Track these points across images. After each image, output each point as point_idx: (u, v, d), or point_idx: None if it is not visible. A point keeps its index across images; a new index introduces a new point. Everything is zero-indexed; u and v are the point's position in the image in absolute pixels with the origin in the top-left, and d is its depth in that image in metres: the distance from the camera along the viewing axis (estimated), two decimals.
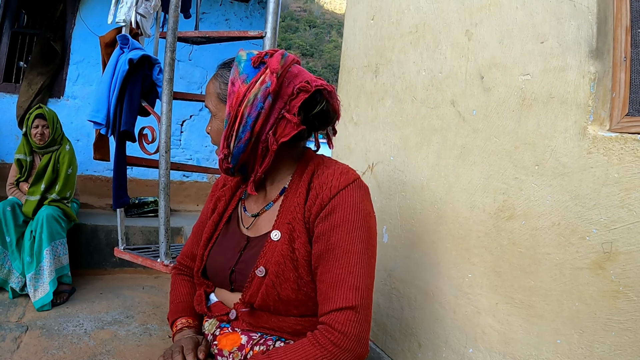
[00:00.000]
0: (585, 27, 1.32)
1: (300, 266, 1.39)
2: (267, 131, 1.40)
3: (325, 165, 1.51)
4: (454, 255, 1.75)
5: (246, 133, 1.39)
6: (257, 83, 1.38)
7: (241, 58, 1.44)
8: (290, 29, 44.88)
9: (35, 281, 4.22)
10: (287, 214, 1.46)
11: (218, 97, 1.49)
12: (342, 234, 1.35)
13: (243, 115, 1.37)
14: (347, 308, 1.28)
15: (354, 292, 1.30)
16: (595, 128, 1.28)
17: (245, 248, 1.52)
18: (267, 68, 1.40)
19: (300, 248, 1.40)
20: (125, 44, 3.48)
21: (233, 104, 1.39)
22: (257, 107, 1.37)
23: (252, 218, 1.58)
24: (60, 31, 6.85)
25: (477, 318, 1.63)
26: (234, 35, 3.61)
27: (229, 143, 1.42)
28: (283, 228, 1.43)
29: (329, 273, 1.33)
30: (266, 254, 1.42)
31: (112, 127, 3.52)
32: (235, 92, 1.39)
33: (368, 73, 2.38)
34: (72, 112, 6.78)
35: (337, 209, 1.37)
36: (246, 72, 1.40)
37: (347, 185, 1.40)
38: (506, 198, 1.54)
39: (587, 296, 1.26)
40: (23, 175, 4.65)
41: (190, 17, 4.92)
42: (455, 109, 1.77)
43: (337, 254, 1.33)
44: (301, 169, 1.53)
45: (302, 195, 1.45)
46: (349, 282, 1.31)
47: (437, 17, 1.90)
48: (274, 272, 1.38)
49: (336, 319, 1.27)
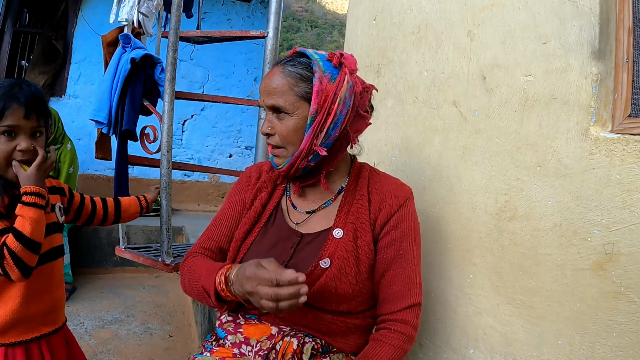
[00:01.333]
0: (587, 28, 1.32)
1: (361, 262, 1.47)
2: (347, 127, 1.48)
3: (377, 174, 1.64)
4: (456, 255, 1.75)
5: (336, 130, 1.44)
6: (343, 82, 1.43)
7: (315, 56, 1.47)
8: (292, 29, 44.80)
9: None
10: (349, 214, 1.53)
11: (296, 94, 1.45)
12: (410, 242, 1.51)
13: (336, 113, 1.42)
14: (417, 304, 1.47)
15: (419, 290, 1.50)
16: (597, 129, 1.28)
17: (299, 244, 1.54)
18: (344, 67, 1.46)
19: (363, 246, 1.48)
20: (128, 43, 3.48)
21: (322, 102, 1.41)
22: (346, 105, 1.44)
23: (306, 215, 1.60)
24: (62, 30, 6.87)
25: (478, 318, 1.63)
26: (236, 35, 3.62)
27: (316, 141, 1.44)
28: (346, 227, 1.50)
29: (402, 275, 1.48)
30: (329, 247, 1.47)
31: (114, 126, 3.52)
32: (324, 90, 1.42)
33: (370, 73, 2.37)
34: (73, 111, 6.80)
35: (404, 218, 1.52)
36: (329, 71, 1.44)
37: (409, 196, 1.56)
38: (508, 199, 1.54)
39: (589, 297, 1.26)
40: None
41: (192, 17, 4.92)
42: (457, 109, 1.77)
43: (407, 258, 1.49)
44: (356, 172, 1.63)
45: (364, 198, 1.54)
46: (417, 281, 1.50)
47: (439, 18, 1.89)
48: (337, 266, 1.43)
49: (410, 314, 1.45)
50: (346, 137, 1.51)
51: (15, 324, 1.70)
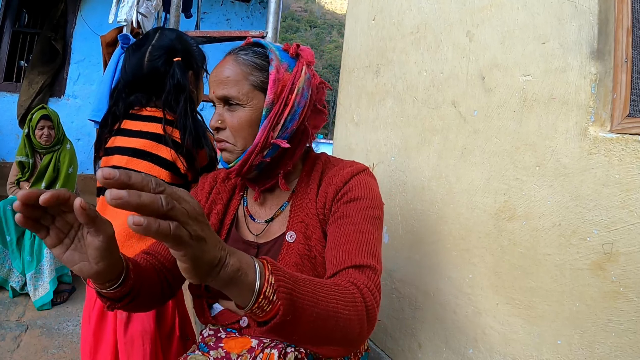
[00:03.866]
0: (586, 28, 1.32)
1: (318, 264, 1.33)
2: (305, 121, 1.40)
3: (332, 163, 1.49)
4: (455, 255, 1.75)
5: (294, 122, 1.35)
6: (301, 73, 1.36)
7: (271, 46, 1.39)
8: (291, 29, 45.01)
9: (35, 280, 4.23)
10: (299, 212, 1.41)
11: (251, 83, 1.35)
12: (358, 206, 1.32)
13: (293, 104, 1.34)
14: (367, 266, 1.20)
15: (371, 256, 1.23)
16: (596, 129, 1.28)
17: (257, 255, 1.41)
18: (302, 58, 1.40)
19: (316, 245, 1.35)
20: (127, 43, 3.49)
21: (279, 92, 1.33)
22: (304, 97, 1.36)
23: (264, 224, 1.48)
24: (61, 30, 6.89)
25: (477, 318, 1.63)
26: (235, 35, 3.62)
27: (272, 134, 1.33)
28: (297, 227, 1.39)
29: (347, 236, 1.26)
30: (284, 257, 1.37)
31: None
32: (281, 79, 1.33)
33: (369, 73, 2.38)
34: (72, 112, 6.82)
35: (353, 189, 1.35)
36: (286, 61, 1.37)
37: (359, 171, 1.40)
38: (507, 199, 1.54)
39: (588, 297, 1.26)
40: (25, 175, 4.67)
41: (192, 17, 4.94)
42: (456, 109, 1.77)
43: (353, 221, 1.29)
44: (309, 167, 1.49)
45: (313, 192, 1.41)
46: (367, 247, 1.24)
47: (438, 18, 1.90)
48: None
49: (362, 273, 1.18)
50: (305, 132, 1.42)
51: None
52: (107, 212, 1.82)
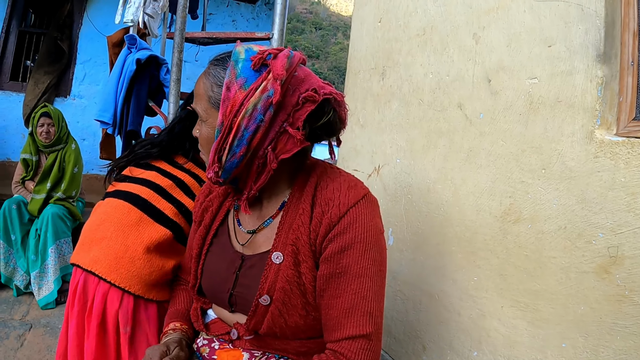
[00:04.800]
0: (592, 31, 1.32)
1: (307, 292, 1.28)
2: (265, 146, 1.24)
3: (329, 177, 1.36)
4: (460, 258, 1.75)
5: (242, 148, 1.22)
6: (257, 90, 1.19)
7: (239, 56, 1.25)
8: (297, 31, 45.06)
9: (39, 279, 4.25)
10: (290, 233, 1.31)
11: (209, 100, 1.30)
12: (354, 256, 1.24)
13: (239, 127, 1.20)
14: (361, 336, 1.21)
15: (368, 319, 1.22)
16: (602, 132, 1.28)
17: (240, 267, 1.40)
18: (269, 72, 1.21)
19: (306, 273, 1.28)
20: (133, 44, 3.51)
21: (227, 113, 1.21)
22: (255, 120, 1.19)
23: (249, 234, 1.43)
24: (68, 30, 6.92)
25: (482, 321, 1.63)
26: (241, 36, 3.63)
27: (221, 156, 1.24)
28: (286, 250, 1.30)
29: (340, 298, 1.23)
30: (269, 278, 1.30)
31: (119, 127, 3.55)
32: (231, 99, 1.20)
33: (375, 75, 2.38)
34: (78, 112, 6.84)
35: (348, 229, 1.24)
36: (244, 75, 1.22)
37: (356, 201, 1.27)
38: (512, 201, 1.54)
39: (593, 300, 1.26)
40: (29, 174, 4.68)
41: (198, 18, 4.95)
42: (462, 112, 1.77)
43: (349, 278, 1.23)
44: (302, 180, 1.38)
45: (306, 213, 1.31)
46: (363, 308, 1.22)
47: (444, 20, 1.90)
48: (280, 300, 1.27)
49: (349, 347, 1.20)
50: (264, 157, 1.25)
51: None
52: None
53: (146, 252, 1.85)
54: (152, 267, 1.84)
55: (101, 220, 1.98)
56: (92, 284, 1.84)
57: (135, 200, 1.96)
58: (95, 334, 1.83)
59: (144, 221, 1.92)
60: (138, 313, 1.84)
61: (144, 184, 2.00)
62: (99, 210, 2.05)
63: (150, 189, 1.99)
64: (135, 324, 1.85)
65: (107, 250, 1.86)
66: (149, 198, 1.96)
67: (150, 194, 1.98)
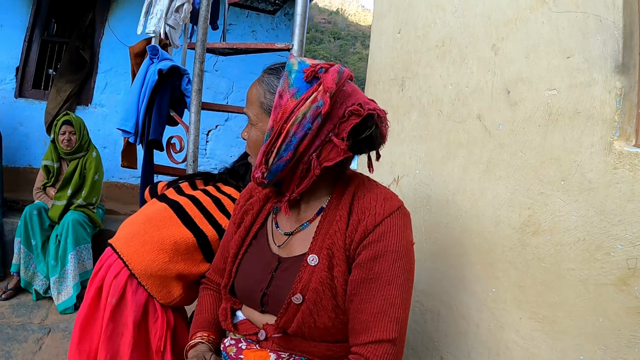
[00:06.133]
0: (611, 42, 1.32)
1: (338, 295, 1.34)
2: (310, 153, 1.32)
3: (366, 188, 1.45)
4: (479, 269, 1.74)
5: (288, 152, 1.30)
6: (307, 100, 1.28)
7: (292, 67, 1.34)
8: (315, 41, 45.21)
9: (59, 284, 4.30)
10: (326, 238, 1.39)
11: (261, 106, 1.39)
12: (385, 264, 1.31)
13: (288, 133, 1.28)
14: (386, 341, 1.27)
15: (395, 325, 1.28)
16: (621, 143, 1.28)
17: (276, 269, 1.46)
18: (320, 85, 1.30)
19: (339, 276, 1.34)
20: (155, 54, 3.55)
21: (278, 119, 1.29)
22: (304, 127, 1.28)
23: (285, 236, 1.51)
24: (89, 40, 7.02)
25: (500, 333, 1.63)
26: (261, 47, 3.66)
27: (268, 159, 1.32)
28: (321, 253, 1.38)
29: (370, 303, 1.30)
30: (302, 279, 1.37)
31: (140, 136, 3.59)
32: (282, 106, 1.29)
33: (394, 86, 2.39)
34: (99, 120, 6.93)
35: (382, 237, 1.33)
36: (297, 86, 1.31)
37: (391, 212, 1.36)
38: (531, 213, 1.54)
39: (611, 312, 1.25)
40: (50, 180, 4.75)
41: (218, 29, 4.99)
42: (482, 123, 1.77)
43: (380, 284, 1.30)
44: (340, 189, 1.47)
45: (343, 220, 1.38)
46: (391, 314, 1.29)
47: (463, 32, 1.90)
48: (312, 300, 1.33)
49: (374, 351, 1.26)
50: (308, 162, 1.34)
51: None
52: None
53: (160, 242, 2.05)
54: (158, 257, 2.03)
55: (137, 213, 2.25)
56: (106, 255, 2.10)
57: (172, 204, 2.23)
58: (92, 296, 2.04)
59: (172, 220, 2.15)
60: (126, 291, 2.01)
61: (188, 198, 2.28)
62: (143, 207, 2.33)
63: (191, 201, 2.23)
64: (122, 300, 2.01)
65: (129, 231, 2.13)
66: (184, 205, 2.22)
67: (187, 203, 2.23)
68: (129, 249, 2.05)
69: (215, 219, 2.20)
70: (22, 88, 6.72)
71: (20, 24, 6.68)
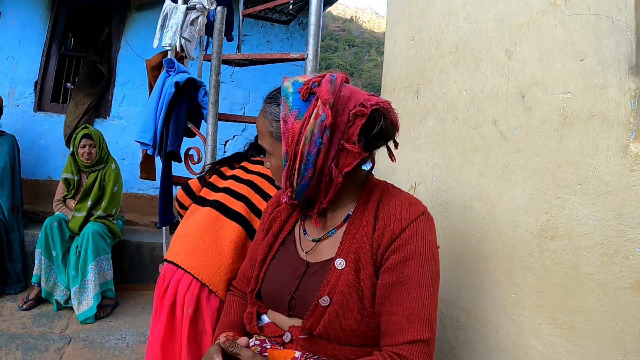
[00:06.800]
0: (624, 44, 1.31)
1: (365, 297, 1.38)
2: (329, 164, 1.38)
3: (390, 194, 1.50)
4: (497, 275, 1.73)
5: (309, 171, 1.36)
6: (311, 118, 1.33)
7: (287, 91, 1.39)
8: (330, 49, 45.32)
9: (79, 295, 4.35)
10: (353, 242, 1.43)
11: (272, 135, 1.47)
12: (414, 266, 1.35)
13: (303, 153, 1.34)
14: (421, 341, 1.30)
15: (427, 325, 1.32)
16: (637, 145, 1.26)
17: (304, 274, 1.50)
18: (317, 99, 1.35)
19: (366, 279, 1.38)
20: (171, 67, 3.58)
21: (289, 143, 1.35)
22: (316, 144, 1.33)
23: (313, 243, 1.55)
24: (106, 54, 7.12)
25: (520, 339, 1.61)
26: (276, 57, 3.68)
27: (292, 182, 1.40)
28: (348, 257, 1.41)
29: (402, 305, 1.33)
30: (330, 282, 1.41)
31: (158, 148, 3.62)
32: (290, 130, 1.35)
33: (409, 93, 2.39)
34: (117, 132, 7.01)
35: (409, 241, 1.37)
36: (297, 107, 1.36)
37: (417, 217, 1.40)
38: (549, 217, 1.53)
39: (631, 316, 1.24)
40: (70, 192, 4.82)
41: (233, 40, 5.02)
42: (497, 128, 1.77)
43: (410, 287, 1.34)
44: (366, 195, 1.52)
45: (369, 225, 1.43)
46: (423, 315, 1.32)
47: (476, 37, 1.90)
48: (339, 302, 1.37)
49: (410, 350, 1.29)
50: (329, 174, 1.39)
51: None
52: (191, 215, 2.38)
53: (219, 247, 2.17)
54: (223, 262, 2.13)
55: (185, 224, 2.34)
56: (170, 271, 2.16)
57: (214, 204, 2.35)
58: (167, 313, 2.11)
59: (220, 220, 2.28)
60: (201, 300, 2.09)
61: (224, 192, 2.41)
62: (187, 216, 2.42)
63: (227, 194, 2.38)
64: (197, 309, 2.10)
65: (186, 244, 2.21)
66: (224, 201, 2.35)
67: (225, 198, 2.36)
68: (192, 261, 2.14)
69: (255, 205, 2.32)
70: (40, 102, 6.83)
71: (38, 39, 6.81)
